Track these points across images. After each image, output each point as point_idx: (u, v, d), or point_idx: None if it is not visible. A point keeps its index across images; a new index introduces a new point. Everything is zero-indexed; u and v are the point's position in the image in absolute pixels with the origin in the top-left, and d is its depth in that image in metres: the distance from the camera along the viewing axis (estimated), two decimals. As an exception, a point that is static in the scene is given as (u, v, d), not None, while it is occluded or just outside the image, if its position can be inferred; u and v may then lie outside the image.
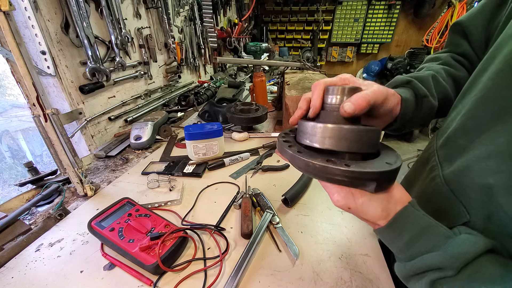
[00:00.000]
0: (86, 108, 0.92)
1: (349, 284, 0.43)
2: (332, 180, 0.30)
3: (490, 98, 0.29)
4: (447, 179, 0.34)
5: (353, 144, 0.31)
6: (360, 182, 0.29)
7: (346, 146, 0.31)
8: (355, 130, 0.30)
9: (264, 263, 0.47)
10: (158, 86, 1.40)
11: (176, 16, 1.55)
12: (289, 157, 0.33)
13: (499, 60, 0.29)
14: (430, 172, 0.38)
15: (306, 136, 0.34)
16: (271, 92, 1.69)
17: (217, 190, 0.70)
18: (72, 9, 0.81)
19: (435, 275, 0.25)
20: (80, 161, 0.68)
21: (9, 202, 0.66)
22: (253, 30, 3.46)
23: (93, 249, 0.51)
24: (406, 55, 3.44)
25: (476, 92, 0.32)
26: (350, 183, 0.30)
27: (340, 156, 0.32)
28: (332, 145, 0.31)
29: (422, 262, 0.26)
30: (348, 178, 0.28)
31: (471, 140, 0.30)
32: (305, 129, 0.34)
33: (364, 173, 0.28)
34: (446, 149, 0.36)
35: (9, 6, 0.50)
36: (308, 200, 0.64)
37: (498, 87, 0.28)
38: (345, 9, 3.63)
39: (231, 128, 1.10)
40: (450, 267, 0.24)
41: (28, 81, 0.55)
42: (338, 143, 0.31)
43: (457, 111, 0.36)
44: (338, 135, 0.31)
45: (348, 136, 0.30)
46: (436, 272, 0.25)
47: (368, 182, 0.29)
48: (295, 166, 0.33)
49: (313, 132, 0.33)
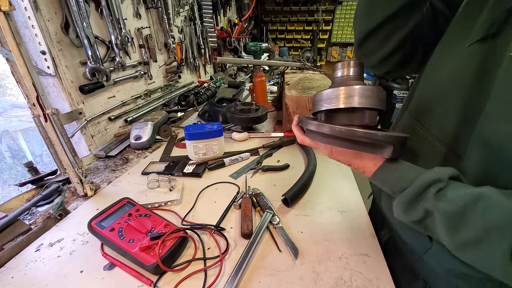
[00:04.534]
0: (86, 108, 0.92)
1: (349, 284, 0.43)
2: (355, 144, 0.34)
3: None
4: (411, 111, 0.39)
5: (371, 100, 0.35)
6: (379, 146, 0.33)
7: (365, 102, 0.35)
8: (370, 87, 0.35)
9: (264, 263, 0.47)
10: (158, 86, 1.40)
11: (176, 16, 1.55)
12: (315, 127, 0.37)
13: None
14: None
15: (325, 102, 0.38)
16: (271, 92, 1.69)
17: (217, 190, 0.70)
18: (72, 9, 0.81)
19: (434, 188, 0.28)
20: (80, 161, 0.68)
21: (9, 202, 0.66)
22: (253, 30, 3.46)
23: (93, 249, 0.51)
24: (406, 55, 3.44)
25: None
26: (371, 146, 0.33)
27: (358, 118, 0.36)
28: (356, 102, 0.35)
29: (422, 180, 0.30)
30: (371, 140, 0.32)
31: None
32: (322, 97, 0.38)
33: (384, 136, 0.31)
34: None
35: (9, 6, 0.50)
36: (308, 200, 0.64)
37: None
38: (345, 9, 3.63)
39: (231, 128, 1.10)
40: (442, 178, 0.29)
41: (28, 81, 0.55)
42: (361, 99, 0.35)
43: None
44: (360, 92, 0.35)
45: (365, 93, 0.35)
46: (434, 186, 0.29)
47: (386, 146, 0.32)
48: (319, 137, 0.38)
49: (333, 95, 0.37)
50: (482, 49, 0.30)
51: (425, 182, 0.29)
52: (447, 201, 0.28)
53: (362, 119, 0.36)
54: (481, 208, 0.25)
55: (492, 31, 0.29)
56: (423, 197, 0.30)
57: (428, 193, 0.29)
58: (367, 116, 0.36)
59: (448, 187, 0.28)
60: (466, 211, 0.26)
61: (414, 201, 0.30)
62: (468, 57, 0.32)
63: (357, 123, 0.36)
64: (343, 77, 0.40)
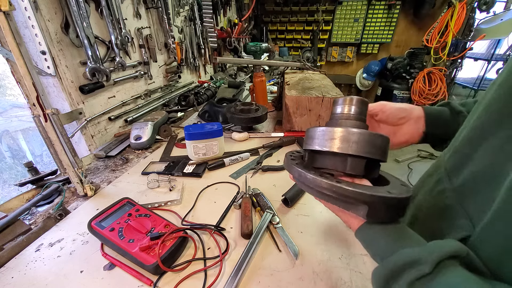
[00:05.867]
0: (86, 108, 0.92)
1: (349, 284, 0.43)
2: (322, 195, 0.29)
3: (493, 108, 0.29)
4: (457, 191, 0.32)
5: (357, 146, 0.29)
6: (350, 202, 0.28)
7: (348, 148, 0.29)
8: (362, 132, 0.30)
9: (264, 263, 0.47)
10: (158, 86, 1.40)
11: (176, 16, 1.55)
12: (295, 172, 0.33)
13: (505, 72, 0.29)
14: (436, 185, 0.37)
15: (310, 140, 0.34)
16: (271, 92, 1.69)
17: (217, 190, 0.70)
18: (72, 9, 0.81)
19: (412, 273, 0.23)
20: (80, 161, 0.68)
21: (9, 202, 0.66)
22: (253, 30, 3.46)
23: (93, 249, 0.51)
24: (406, 55, 3.44)
25: (484, 102, 0.32)
26: (340, 201, 0.29)
27: (340, 165, 0.31)
28: (335, 146, 0.30)
29: (400, 257, 0.25)
30: (336, 194, 0.27)
31: (475, 148, 0.30)
32: (309, 134, 0.34)
33: (352, 192, 0.26)
34: (452, 160, 0.35)
35: (9, 6, 0.50)
36: (308, 200, 0.64)
37: (500, 97, 0.28)
38: (345, 9, 3.62)
39: (231, 128, 1.10)
40: (426, 260, 0.23)
41: (28, 81, 0.55)
42: (342, 144, 0.30)
43: (465, 124, 0.36)
44: (344, 136, 0.30)
45: (351, 138, 0.30)
46: (413, 270, 0.23)
47: (360, 205, 0.27)
48: (299, 183, 0.33)
49: (318, 135, 0.32)
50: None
51: (401, 260, 0.24)
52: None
53: (344, 166, 0.31)
54: None
55: None
56: (398, 281, 0.24)
57: (402, 278, 0.24)
58: (348, 163, 0.30)
59: (436, 275, 0.22)
60: None
61: (388, 281, 0.26)
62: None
63: (341, 169, 0.31)
64: (342, 115, 0.35)
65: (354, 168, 0.30)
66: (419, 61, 3.35)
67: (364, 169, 0.31)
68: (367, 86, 3.93)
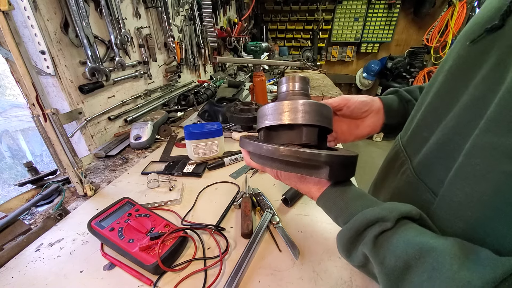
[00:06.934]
0: (85, 108, 0.92)
1: (349, 284, 0.43)
2: (290, 165, 0.31)
3: (445, 92, 0.32)
4: (417, 169, 0.34)
5: (308, 116, 0.31)
6: (313, 166, 0.30)
7: (299, 118, 0.31)
8: (308, 102, 0.32)
9: (264, 263, 0.47)
10: (158, 85, 1.40)
11: (176, 15, 1.55)
12: (251, 147, 0.34)
13: (451, 58, 0.31)
14: (400, 167, 0.39)
15: (263, 118, 0.35)
16: (271, 92, 1.68)
17: (217, 190, 0.70)
18: (71, 8, 0.81)
19: (376, 229, 0.25)
20: (80, 161, 0.68)
21: (9, 202, 0.66)
22: (253, 29, 3.46)
23: (93, 249, 0.51)
24: (406, 54, 3.44)
25: (434, 89, 0.34)
26: (303, 168, 0.30)
27: (296, 137, 0.33)
28: (287, 118, 0.32)
29: (363, 216, 0.26)
30: (300, 160, 0.28)
31: (432, 131, 0.32)
32: (262, 112, 0.36)
33: (315, 154, 0.28)
34: (412, 143, 0.37)
35: (8, 5, 0.50)
36: (308, 200, 0.64)
37: (450, 81, 0.31)
38: (345, 9, 3.62)
39: (231, 127, 1.10)
40: (388, 218, 0.24)
41: (27, 81, 0.55)
42: (294, 115, 0.32)
43: (417, 109, 0.38)
44: (294, 107, 0.32)
45: (300, 108, 0.32)
46: (376, 226, 0.25)
47: (322, 167, 0.29)
48: (256, 159, 0.35)
49: (270, 111, 0.34)
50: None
51: (365, 219, 0.25)
52: (389, 249, 0.23)
53: (299, 137, 0.32)
54: (429, 269, 0.19)
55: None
56: (362, 238, 0.26)
57: (368, 234, 0.25)
58: (304, 133, 0.32)
59: (397, 230, 0.24)
60: (408, 270, 0.21)
61: (353, 241, 0.27)
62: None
63: (297, 142, 0.33)
64: (288, 92, 0.37)
65: (310, 137, 0.32)
66: (419, 61, 3.35)
67: (317, 138, 0.33)
68: (367, 85, 3.93)
